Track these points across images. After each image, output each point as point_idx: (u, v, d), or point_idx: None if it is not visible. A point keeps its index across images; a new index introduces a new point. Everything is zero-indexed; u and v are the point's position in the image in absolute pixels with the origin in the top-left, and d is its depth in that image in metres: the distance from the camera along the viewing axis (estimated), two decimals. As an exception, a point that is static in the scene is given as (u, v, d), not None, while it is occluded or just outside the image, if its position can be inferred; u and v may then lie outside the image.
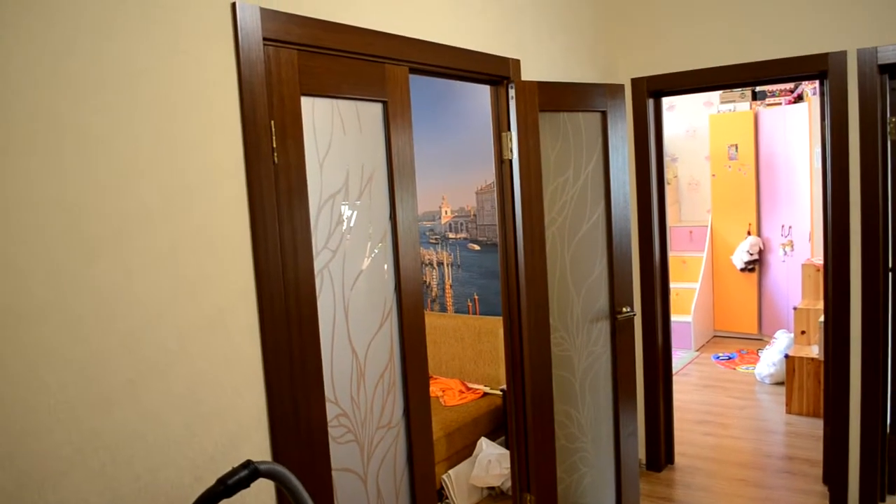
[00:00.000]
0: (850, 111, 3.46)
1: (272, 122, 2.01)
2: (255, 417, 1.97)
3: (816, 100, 6.62)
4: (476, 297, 4.97)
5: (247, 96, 1.92)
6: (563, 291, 3.37)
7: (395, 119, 2.49)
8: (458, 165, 4.92)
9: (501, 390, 4.44)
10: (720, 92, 7.50)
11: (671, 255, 6.21)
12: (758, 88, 7.37)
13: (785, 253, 7.21)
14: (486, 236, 4.88)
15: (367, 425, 2.40)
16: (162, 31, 1.72)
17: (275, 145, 2.02)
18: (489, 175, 4.67)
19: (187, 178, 1.78)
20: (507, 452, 3.94)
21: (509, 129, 3.11)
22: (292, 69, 2.09)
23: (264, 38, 1.98)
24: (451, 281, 5.09)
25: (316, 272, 2.19)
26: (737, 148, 7.39)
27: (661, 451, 4.39)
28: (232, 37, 1.89)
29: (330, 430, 2.24)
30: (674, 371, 5.47)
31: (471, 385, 4.68)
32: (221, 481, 1.50)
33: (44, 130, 1.49)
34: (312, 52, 2.17)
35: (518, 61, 3.15)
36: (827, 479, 3.82)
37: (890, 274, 3.55)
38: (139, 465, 1.68)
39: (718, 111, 7.66)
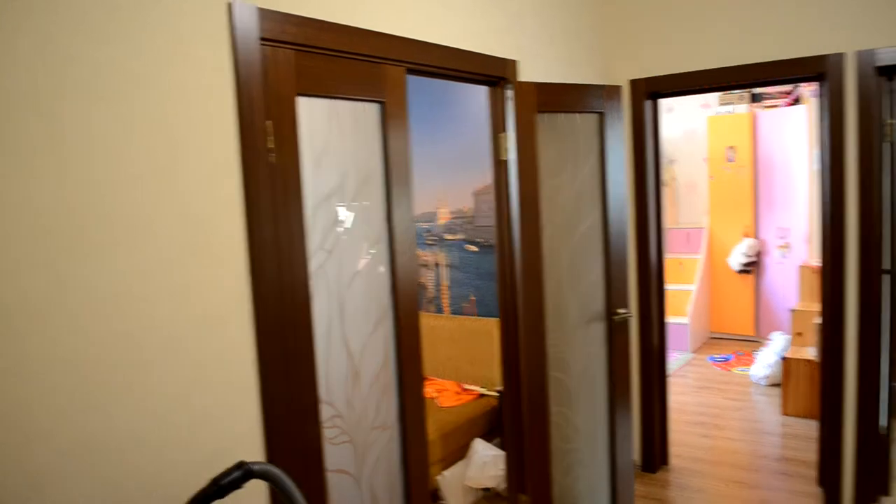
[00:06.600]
0: (848, 113, 3.46)
1: (268, 122, 2.01)
2: (250, 419, 1.97)
3: (815, 102, 6.63)
4: (473, 298, 4.97)
5: (243, 97, 1.92)
6: (559, 292, 3.37)
7: (393, 120, 2.49)
8: (455, 166, 4.92)
9: (498, 391, 4.44)
10: (719, 94, 7.50)
11: (669, 257, 6.23)
12: (756, 91, 7.37)
13: (783, 255, 7.21)
14: (484, 237, 4.88)
15: (362, 426, 2.40)
16: (159, 33, 1.71)
17: (271, 146, 2.01)
18: (487, 176, 4.67)
19: (184, 179, 1.78)
20: (502, 454, 3.94)
21: (507, 129, 3.11)
22: (289, 69, 2.09)
23: (261, 38, 1.98)
24: (447, 282, 5.09)
25: (311, 273, 2.19)
26: (735, 150, 7.40)
27: (656, 452, 4.39)
28: (229, 37, 1.89)
29: (324, 431, 2.24)
30: (670, 372, 5.48)
31: (467, 386, 4.68)
32: (214, 482, 1.50)
33: (44, 133, 1.48)
34: (310, 53, 2.17)
35: (516, 62, 3.15)
36: (821, 480, 3.82)
37: (886, 276, 3.56)
38: (133, 468, 1.67)
39: (717, 113, 7.66)
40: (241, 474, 1.52)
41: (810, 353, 5.31)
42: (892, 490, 3.83)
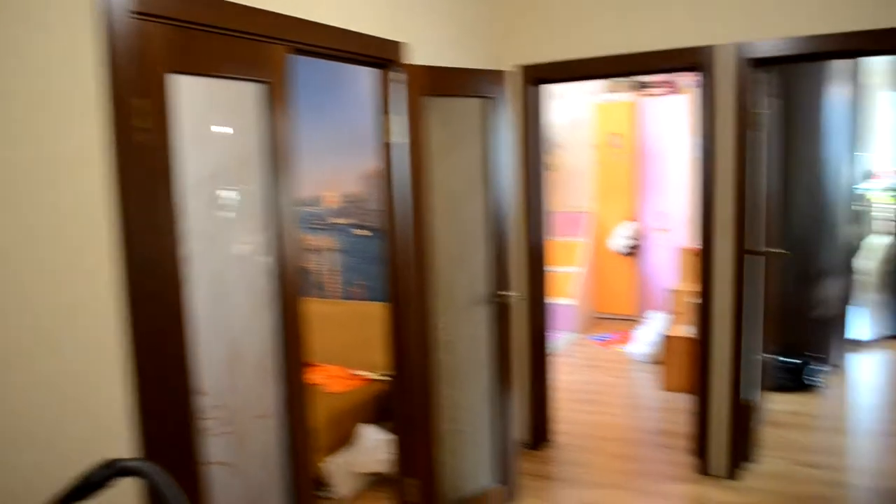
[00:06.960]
0: (723, 103, 3.65)
1: (140, 100, 1.90)
2: (123, 413, 1.88)
3: (693, 91, 6.93)
4: (362, 282, 4.93)
5: (112, 73, 1.81)
6: (448, 276, 3.39)
7: (277, 101, 2.41)
8: (346, 150, 4.84)
9: (387, 376, 4.42)
10: (608, 81, 7.69)
11: (556, 240, 6.39)
12: (641, 79, 7.62)
13: (663, 238, 7.54)
14: (374, 222, 4.83)
15: (244, 416, 2.34)
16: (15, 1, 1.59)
17: (142, 125, 1.91)
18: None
19: (46, 162, 1.66)
20: (390, 438, 3.95)
21: (394, 112, 3.08)
22: (164, 45, 1.99)
23: (133, 12, 1.87)
24: (337, 267, 5.03)
25: (188, 258, 2.10)
26: (619, 136, 7.65)
27: (540, 429, 4.51)
28: (96, 8, 1.77)
29: (203, 422, 2.16)
30: (558, 352, 5.64)
31: (356, 372, 4.65)
32: (81, 480, 1.42)
33: None
34: (188, 28, 2.06)
35: (404, 45, 3.12)
36: (695, 451, 4.04)
37: (761, 258, 3.80)
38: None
39: (604, 101, 7.87)
40: (110, 472, 1.45)
41: (688, 331, 5.58)
42: (755, 457, 4.11)
